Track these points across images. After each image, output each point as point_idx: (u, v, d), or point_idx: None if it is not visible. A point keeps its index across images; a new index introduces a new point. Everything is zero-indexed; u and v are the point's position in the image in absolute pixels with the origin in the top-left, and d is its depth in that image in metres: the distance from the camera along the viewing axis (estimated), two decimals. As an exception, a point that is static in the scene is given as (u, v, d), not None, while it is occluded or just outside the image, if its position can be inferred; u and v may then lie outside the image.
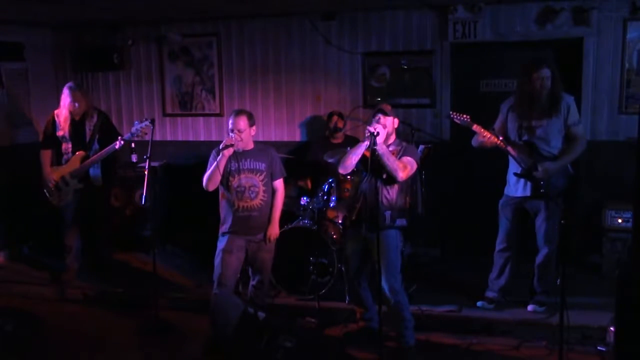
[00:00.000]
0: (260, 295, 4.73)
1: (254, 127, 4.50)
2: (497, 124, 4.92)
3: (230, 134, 4.37)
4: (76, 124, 5.57)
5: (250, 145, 4.52)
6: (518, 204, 4.86)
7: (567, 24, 5.69)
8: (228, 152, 4.32)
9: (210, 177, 4.37)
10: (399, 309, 4.30)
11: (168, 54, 6.92)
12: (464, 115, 4.70)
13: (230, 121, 4.41)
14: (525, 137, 4.75)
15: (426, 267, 5.82)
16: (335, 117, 5.95)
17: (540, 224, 4.80)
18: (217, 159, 4.34)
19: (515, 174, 4.77)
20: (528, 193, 4.74)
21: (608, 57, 5.69)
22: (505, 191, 4.93)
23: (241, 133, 4.38)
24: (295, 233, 5.21)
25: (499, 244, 4.97)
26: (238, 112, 4.45)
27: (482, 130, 4.70)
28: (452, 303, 5.02)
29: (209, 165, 4.45)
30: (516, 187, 4.82)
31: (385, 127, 4.19)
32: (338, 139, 5.99)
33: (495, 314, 4.87)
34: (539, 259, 4.87)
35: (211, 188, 4.42)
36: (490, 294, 5.02)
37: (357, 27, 6.30)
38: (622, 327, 3.37)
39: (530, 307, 4.88)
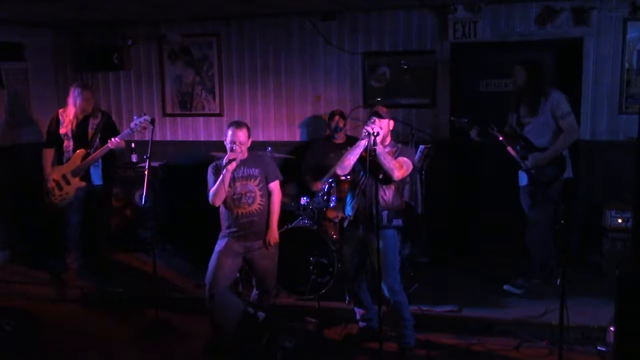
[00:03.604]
0: (263, 302, 4.73)
1: (250, 139, 4.52)
2: (509, 125, 5.30)
3: (232, 146, 4.36)
4: (80, 123, 5.59)
5: (245, 155, 4.50)
6: (525, 194, 5.19)
7: (567, 24, 5.69)
8: (232, 166, 4.31)
9: (216, 193, 4.36)
10: (399, 309, 4.29)
11: (168, 54, 6.92)
12: (463, 120, 5.08)
13: (230, 133, 4.39)
14: (518, 132, 5.11)
15: (426, 267, 5.82)
16: (337, 117, 5.95)
17: (530, 208, 5.12)
18: (222, 175, 4.31)
19: (520, 170, 5.12)
20: (525, 182, 5.10)
21: (608, 57, 5.69)
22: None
23: (242, 145, 4.38)
24: (295, 233, 5.21)
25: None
26: (238, 125, 4.44)
27: (477, 137, 5.09)
28: (452, 303, 5.02)
29: (209, 182, 4.47)
30: (520, 177, 5.19)
31: (380, 129, 4.19)
32: (339, 139, 5.98)
33: (495, 314, 4.87)
34: (526, 236, 5.16)
35: (218, 203, 4.44)
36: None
37: (357, 27, 6.30)
38: (622, 327, 3.37)
39: (505, 287, 5.16)
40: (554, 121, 4.97)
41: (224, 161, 4.31)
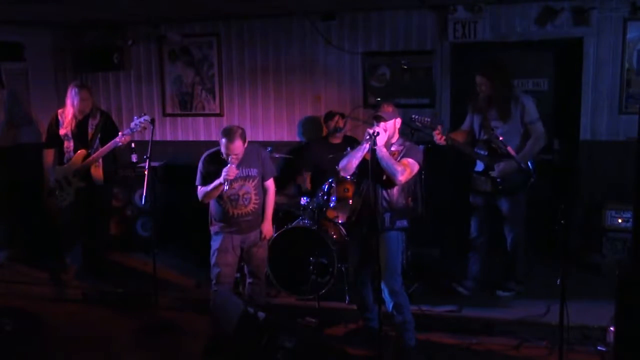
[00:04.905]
0: (258, 291, 4.74)
1: (246, 144, 4.40)
2: (466, 125, 5.28)
3: (229, 158, 4.26)
4: (79, 123, 5.59)
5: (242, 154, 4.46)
6: (484, 197, 5.16)
7: (567, 24, 5.69)
8: (230, 177, 4.29)
9: (208, 196, 4.41)
10: (399, 310, 4.28)
11: (168, 54, 6.92)
12: (425, 118, 4.85)
13: (223, 143, 4.25)
14: (484, 137, 5.06)
15: (426, 267, 5.82)
16: (336, 117, 5.95)
17: (504, 215, 5.13)
18: (217, 183, 4.28)
19: (477, 172, 5.14)
20: (488, 188, 5.07)
21: (608, 57, 5.69)
22: (472, 185, 5.26)
23: (239, 155, 4.32)
24: (295, 233, 5.21)
25: (472, 235, 5.30)
26: (231, 138, 4.22)
27: (439, 135, 4.91)
28: (452, 303, 5.02)
29: (198, 176, 4.47)
30: (479, 182, 5.14)
31: (385, 130, 4.15)
32: (337, 138, 5.99)
33: (495, 314, 4.87)
34: (508, 246, 5.18)
35: (207, 201, 4.49)
36: (468, 283, 5.28)
37: (357, 27, 6.30)
38: (622, 327, 3.37)
39: (498, 292, 5.20)
40: (523, 127, 4.96)
41: (222, 175, 4.24)
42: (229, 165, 4.26)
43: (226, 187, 4.30)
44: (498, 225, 5.24)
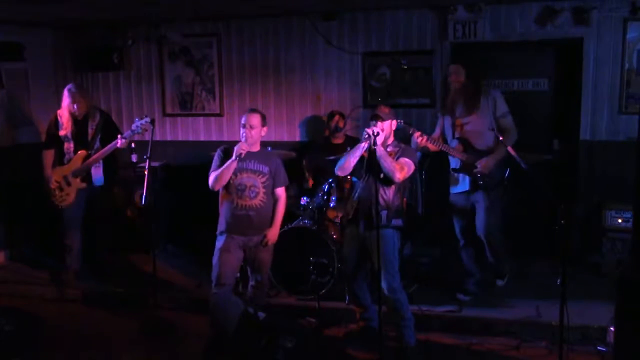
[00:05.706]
0: (259, 295, 4.74)
1: (265, 128, 4.58)
2: (437, 131, 5.24)
3: (243, 131, 4.44)
4: (78, 124, 5.59)
5: (257, 147, 4.55)
6: (463, 198, 5.10)
7: (567, 24, 5.69)
8: (241, 156, 4.36)
9: (219, 179, 4.41)
10: (398, 307, 4.30)
11: (168, 54, 6.92)
12: (399, 121, 4.69)
13: (243, 118, 4.50)
14: (457, 135, 5.03)
15: (426, 267, 5.82)
16: (337, 117, 5.96)
17: (480, 215, 5.04)
18: (229, 162, 4.36)
19: (453, 170, 5.08)
20: (467, 187, 5.02)
21: (608, 57, 5.69)
22: (450, 189, 5.19)
23: (252, 129, 4.45)
24: (295, 233, 5.21)
25: (457, 233, 5.23)
26: (252, 110, 4.58)
27: (419, 134, 4.79)
28: (452, 303, 5.02)
29: (213, 165, 4.50)
30: (457, 183, 5.09)
31: (382, 130, 4.22)
32: (338, 139, 5.98)
33: (495, 314, 4.87)
34: (487, 251, 5.14)
35: (217, 188, 4.48)
36: (471, 287, 5.21)
37: (357, 27, 6.30)
38: (622, 327, 3.37)
39: (498, 282, 5.26)
40: (495, 121, 4.95)
41: (235, 151, 4.34)
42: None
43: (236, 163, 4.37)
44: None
